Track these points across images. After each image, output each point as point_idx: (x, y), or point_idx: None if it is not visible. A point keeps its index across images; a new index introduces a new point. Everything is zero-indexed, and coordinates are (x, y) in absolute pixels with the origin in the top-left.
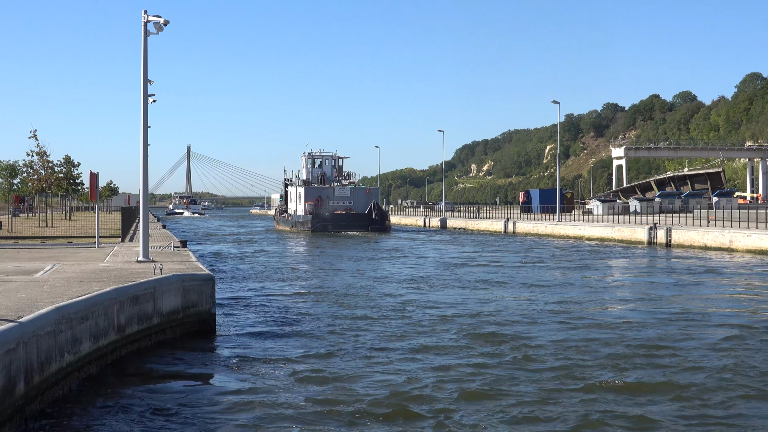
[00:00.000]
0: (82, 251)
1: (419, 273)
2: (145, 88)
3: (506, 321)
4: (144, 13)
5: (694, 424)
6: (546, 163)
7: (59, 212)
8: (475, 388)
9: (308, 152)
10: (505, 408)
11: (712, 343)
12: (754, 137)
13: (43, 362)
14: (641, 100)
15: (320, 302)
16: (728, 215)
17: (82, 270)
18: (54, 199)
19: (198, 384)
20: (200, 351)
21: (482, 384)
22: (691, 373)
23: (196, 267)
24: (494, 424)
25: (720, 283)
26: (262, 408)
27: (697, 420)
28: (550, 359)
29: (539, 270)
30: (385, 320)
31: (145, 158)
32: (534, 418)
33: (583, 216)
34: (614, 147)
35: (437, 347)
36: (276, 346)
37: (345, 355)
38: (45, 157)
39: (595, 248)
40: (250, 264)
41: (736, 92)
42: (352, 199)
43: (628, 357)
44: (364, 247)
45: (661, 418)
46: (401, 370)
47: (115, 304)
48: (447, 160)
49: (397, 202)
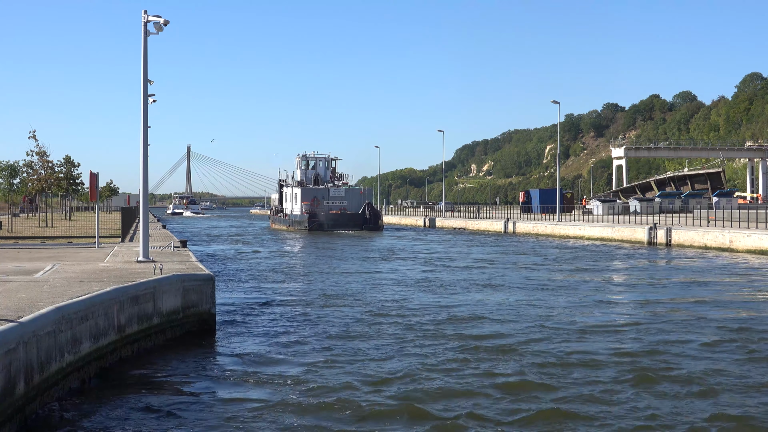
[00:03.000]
0: (82, 251)
1: (413, 273)
2: (145, 88)
3: (504, 322)
4: (144, 13)
5: (694, 425)
6: (546, 163)
7: (59, 212)
8: (475, 389)
9: (302, 154)
10: (515, 413)
11: (713, 344)
12: (754, 137)
13: (43, 362)
14: (641, 100)
15: (319, 302)
16: (728, 215)
17: (82, 270)
18: (54, 199)
19: (198, 384)
20: (200, 351)
21: (483, 386)
22: (691, 373)
23: (196, 267)
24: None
25: (720, 284)
26: (262, 408)
27: (696, 421)
28: (550, 359)
29: (535, 271)
30: (385, 320)
31: (145, 158)
32: (533, 418)
33: (583, 216)
34: (614, 147)
35: (436, 347)
36: (276, 346)
37: (345, 355)
38: (45, 157)
39: (594, 248)
40: (249, 263)
41: (736, 92)
42: (346, 199)
43: (629, 361)
44: (358, 247)
45: (662, 416)
46: (402, 369)
47: (115, 304)
48: (447, 160)
49: (397, 202)
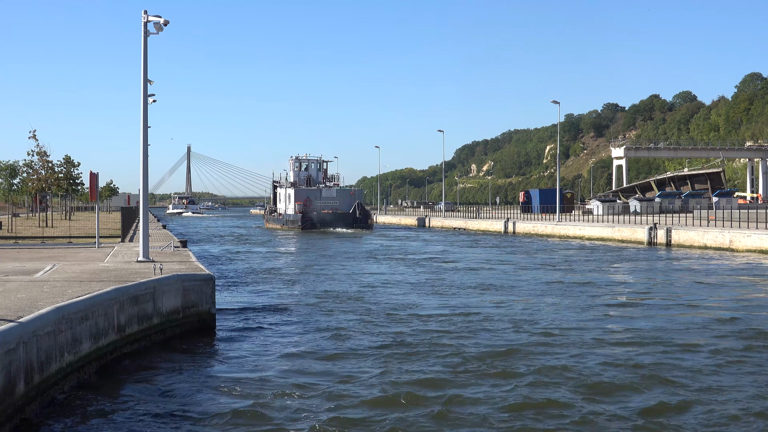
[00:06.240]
0: (82, 251)
1: (409, 273)
2: (145, 88)
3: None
4: (144, 13)
5: (695, 424)
6: (546, 163)
7: (59, 212)
8: (477, 389)
9: (295, 156)
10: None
11: (713, 343)
12: (754, 137)
13: (43, 362)
14: (641, 100)
15: (318, 301)
16: (728, 215)
17: (82, 270)
18: (54, 199)
19: (198, 384)
20: (200, 351)
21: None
22: (691, 373)
23: (196, 267)
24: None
25: (720, 284)
26: (262, 408)
27: (698, 421)
28: (548, 363)
29: (534, 271)
30: (385, 320)
31: (145, 158)
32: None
33: (583, 216)
34: (614, 147)
35: (435, 348)
36: (277, 346)
37: (345, 355)
38: (45, 157)
39: (594, 248)
40: (247, 262)
41: (736, 92)
42: (337, 199)
43: (630, 366)
44: (351, 245)
45: (663, 418)
46: (402, 370)
47: (115, 304)
48: (447, 160)
49: (397, 202)
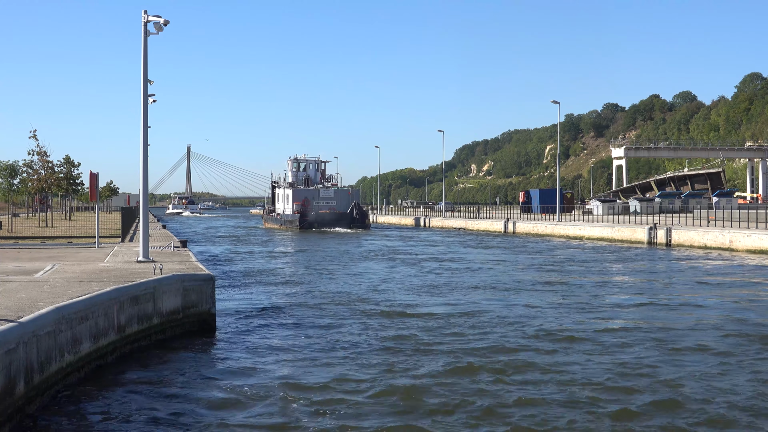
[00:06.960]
0: (82, 251)
1: (409, 273)
2: (145, 88)
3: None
4: (144, 13)
5: (694, 425)
6: (546, 163)
7: (59, 212)
8: (477, 390)
9: (294, 156)
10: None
11: (713, 344)
12: (754, 137)
13: (43, 362)
14: (641, 100)
15: (318, 301)
16: (728, 215)
17: (82, 270)
18: (54, 199)
19: (198, 384)
20: (200, 351)
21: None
22: (692, 373)
23: (196, 267)
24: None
25: (720, 284)
26: (262, 409)
27: (697, 421)
28: (548, 362)
29: (534, 271)
30: (385, 319)
31: (145, 158)
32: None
33: (583, 216)
34: (614, 147)
35: (434, 348)
36: (277, 346)
37: (346, 356)
38: (45, 157)
39: (594, 248)
40: (246, 262)
41: (736, 92)
42: (335, 199)
43: (631, 367)
44: (349, 245)
45: (663, 417)
46: (402, 369)
47: (115, 304)
48: (447, 160)
49: (397, 202)
